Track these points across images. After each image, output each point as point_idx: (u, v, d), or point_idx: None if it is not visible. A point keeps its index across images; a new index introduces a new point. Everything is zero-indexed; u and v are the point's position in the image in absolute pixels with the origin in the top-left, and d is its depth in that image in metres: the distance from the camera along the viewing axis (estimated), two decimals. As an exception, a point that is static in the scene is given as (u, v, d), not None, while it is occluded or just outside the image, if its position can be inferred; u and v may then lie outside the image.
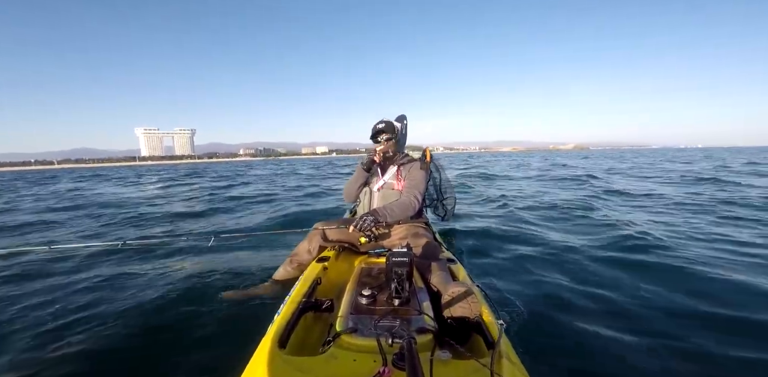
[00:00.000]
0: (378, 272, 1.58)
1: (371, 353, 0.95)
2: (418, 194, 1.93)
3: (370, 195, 2.06)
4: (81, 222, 5.42)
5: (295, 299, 1.31)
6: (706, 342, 1.62)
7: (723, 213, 4.51)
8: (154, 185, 13.09)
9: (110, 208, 6.82)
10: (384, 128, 2.01)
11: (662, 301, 2.04)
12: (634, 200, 6.03)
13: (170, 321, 1.89)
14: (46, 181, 19.24)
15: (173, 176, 19.82)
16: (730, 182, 8.01)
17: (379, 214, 1.79)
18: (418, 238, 1.81)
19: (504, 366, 0.87)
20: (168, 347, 1.63)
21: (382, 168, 2.10)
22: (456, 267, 1.71)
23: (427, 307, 1.25)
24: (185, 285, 2.40)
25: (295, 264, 1.97)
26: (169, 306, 2.08)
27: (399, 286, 1.23)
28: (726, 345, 1.59)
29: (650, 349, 1.58)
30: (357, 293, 1.31)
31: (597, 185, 8.30)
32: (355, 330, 1.06)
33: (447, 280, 1.45)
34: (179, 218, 5.46)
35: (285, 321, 1.14)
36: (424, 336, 1.03)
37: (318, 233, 1.97)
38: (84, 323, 1.89)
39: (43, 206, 7.60)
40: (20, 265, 2.97)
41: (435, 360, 0.88)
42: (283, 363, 0.90)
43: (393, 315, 1.15)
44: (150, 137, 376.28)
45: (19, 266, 2.95)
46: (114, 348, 1.63)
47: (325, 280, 1.63)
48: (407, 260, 1.24)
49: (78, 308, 2.09)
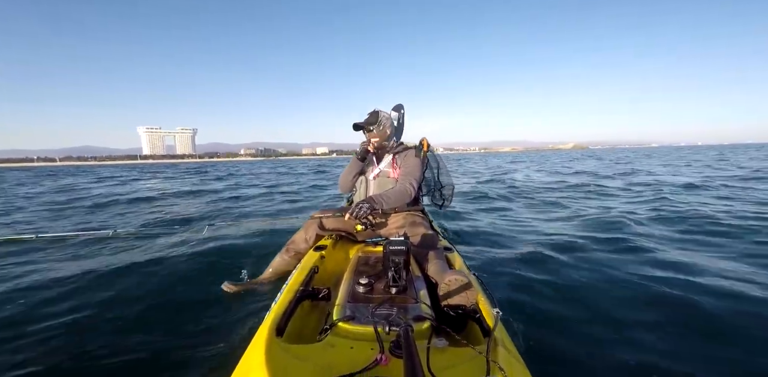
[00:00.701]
0: (375, 261, 1.58)
1: (368, 341, 0.95)
2: (414, 182, 1.92)
3: (366, 183, 2.05)
4: (70, 213, 5.34)
5: (293, 287, 1.31)
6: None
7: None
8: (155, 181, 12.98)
9: (105, 198, 6.77)
10: (370, 118, 1.99)
11: (657, 294, 2.06)
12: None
13: (166, 311, 1.89)
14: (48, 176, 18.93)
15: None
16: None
17: (375, 201, 1.78)
18: (415, 227, 1.81)
19: (500, 354, 0.88)
20: (165, 336, 1.62)
21: (377, 157, 2.08)
22: (453, 256, 1.71)
23: (424, 295, 1.25)
24: (179, 274, 2.39)
25: (292, 253, 1.97)
26: (163, 296, 2.07)
27: (396, 274, 1.23)
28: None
29: (646, 337, 1.60)
30: (354, 281, 1.31)
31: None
32: (353, 318, 1.06)
33: (444, 269, 1.45)
34: (172, 209, 5.38)
35: (282, 310, 1.14)
36: (420, 324, 1.03)
37: (315, 222, 1.96)
38: (75, 313, 1.86)
39: (38, 199, 7.53)
40: (3, 255, 2.86)
41: (432, 348, 0.88)
42: (281, 350, 0.90)
43: (390, 304, 1.15)
44: (152, 135, 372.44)
45: (2, 256, 2.84)
46: (108, 339, 1.62)
47: (322, 269, 1.63)
48: (404, 249, 1.24)
49: (67, 298, 2.06)
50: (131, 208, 5.36)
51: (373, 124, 1.97)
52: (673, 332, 1.63)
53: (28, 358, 1.48)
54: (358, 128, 2.03)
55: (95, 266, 2.57)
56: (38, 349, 1.55)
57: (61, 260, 2.72)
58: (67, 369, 1.42)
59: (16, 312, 1.90)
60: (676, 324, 1.70)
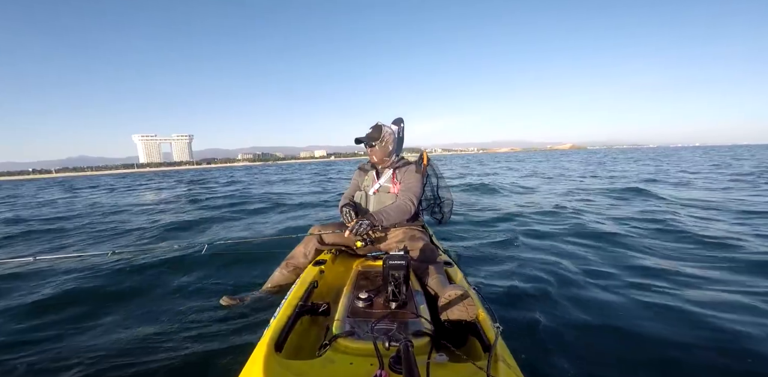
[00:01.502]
0: (375, 276, 1.57)
1: (368, 356, 0.95)
2: (414, 198, 1.93)
3: (366, 198, 2.06)
4: (70, 232, 5.28)
5: (292, 302, 1.30)
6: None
7: None
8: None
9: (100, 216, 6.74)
10: (373, 133, 2.01)
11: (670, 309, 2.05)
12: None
13: (165, 327, 1.87)
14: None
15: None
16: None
17: (374, 218, 1.78)
18: (415, 241, 1.81)
19: (500, 370, 0.87)
20: (165, 352, 1.61)
21: (377, 172, 2.10)
22: (453, 270, 1.71)
23: (424, 310, 1.24)
24: (179, 291, 2.38)
25: (291, 268, 1.96)
26: (163, 312, 2.06)
27: (396, 289, 1.23)
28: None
29: (652, 353, 1.58)
30: (354, 296, 1.31)
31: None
32: (352, 333, 1.05)
33: (444, 283, 1.45)
34: (170, 227, 5.32)
35: (281, 325, 1.13)
36: (420, 339, 1.02)
37: (314, 237, 1.96)
38: (76, 333, 1.86)
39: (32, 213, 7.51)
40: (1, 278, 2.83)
41: (432, 364, 0.87)
42: (279, 366, 0.89)
43: (390, 319, 1.15)
44: (148, 143, 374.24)
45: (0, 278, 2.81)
46: (108, 356, 1.61)
47: (322, 283, 1.62)
48: (404, 264, 1.24)
49: (68, 319, 2.06)
50: (125, 229, 5.32)
51: (376, 139, 2.00)
52: (676, 346, 1.61)
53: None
54: (360, 143, 2.06)
55: (92, 288, 2.55)
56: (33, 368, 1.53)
57: (60, 283, 2.71)
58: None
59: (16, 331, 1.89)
60: (680, 335, 1.68)
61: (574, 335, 1.73)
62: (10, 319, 2.08)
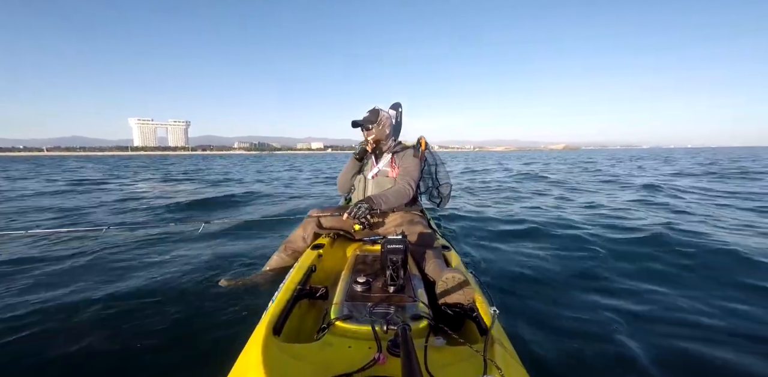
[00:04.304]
0: (373, 260, 1.57)
1: (366, 340, 0.95)
2: (412, 182, 1.92)
3: (365, 183, 2.05)
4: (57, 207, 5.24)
5: (290, 286, 1.30)
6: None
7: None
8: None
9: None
10: (370, 117, 1.98)
11: (667, 287, 2.08)
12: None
13: (162, 309, 1.86)
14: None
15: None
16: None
17: (373, 202, 1.78)
18: (413, 225, 1.81)
19: (497, 352, 0.88)
20: (160, 334, 1.61)
21: (375, 156, 2.08)
22: (450, 254, 1.71)
23: (422, 294, 1.25)
24: (176, 272, 2.36)
25: (290, 251, 1.96)
26: (159, 294, 2.03)
27: (394, 273, 1.23)
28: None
29: (646, 334, 1.61)
30: (352, 280, 1.31)
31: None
32: (350, 317, 1.06)
33: (441, 267, 1.45)
34: (166, 205, 5.29)
35: (279, 309, 1.13)
36: (418, 323, 1.03)
37: (313, 221, 1.96)
38: (69, 311, 1.83)
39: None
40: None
41: (429, 347, 0.88)
42: (278, 350, 0.90)
43: (388, 302, 1.15)
44: (143, 127, 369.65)
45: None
46: (103, 337, 1.59)
47: (320, 267, 1.62)
48: (402, 248, 1.23)
49: (61, 295, 2.03)
50: (124, 204, 5.31)
51: (373, 122, 1.96)
52: (674, 338, 1.64)
53: (26, 355, 1.48)
54: (357, 126, 2.02)
55: (88, 263, 2.54)
56: (31, 347, 1.54)
57: (52, 258, 2.67)
58: (61, 367, 1.41)
59: (11, 307, 1.88)
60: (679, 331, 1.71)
61: (571, 319, 1.75)
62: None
